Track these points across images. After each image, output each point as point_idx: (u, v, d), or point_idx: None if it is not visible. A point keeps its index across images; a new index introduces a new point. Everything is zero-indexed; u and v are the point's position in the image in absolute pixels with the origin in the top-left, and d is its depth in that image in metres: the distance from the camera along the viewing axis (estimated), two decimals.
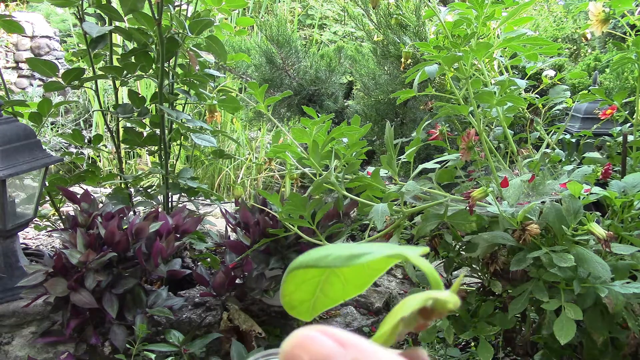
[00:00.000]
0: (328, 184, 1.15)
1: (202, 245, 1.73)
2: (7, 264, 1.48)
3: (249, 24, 2.04)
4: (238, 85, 3.18)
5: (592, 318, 0.98)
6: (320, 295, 0.27)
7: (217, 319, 1.48)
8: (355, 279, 0.26)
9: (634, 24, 1.24)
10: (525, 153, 1.33)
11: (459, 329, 1.12)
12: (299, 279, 0.26)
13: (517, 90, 1.17)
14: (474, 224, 1.06)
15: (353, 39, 4.76)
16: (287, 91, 1.39)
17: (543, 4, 3.74)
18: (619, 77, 2.13)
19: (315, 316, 0.28)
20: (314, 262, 0.24)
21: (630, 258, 0.98)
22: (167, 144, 1.75)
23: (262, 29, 2.48)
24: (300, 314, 0.28)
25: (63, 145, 3.67)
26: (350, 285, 0.27)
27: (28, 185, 1.57)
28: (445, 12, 1.17)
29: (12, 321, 1.40)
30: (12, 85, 4.93)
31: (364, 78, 2.39)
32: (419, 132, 1.20)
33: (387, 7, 2.22)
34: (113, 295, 1.29)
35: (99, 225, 1.35)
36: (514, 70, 2.05)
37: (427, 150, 2.20)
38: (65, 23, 5.57)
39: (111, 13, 1.61)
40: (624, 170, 1.20)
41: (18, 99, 1.69)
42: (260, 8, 5.02)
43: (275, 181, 3.30)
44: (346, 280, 0.27)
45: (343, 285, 0.27)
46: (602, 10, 1.23)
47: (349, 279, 0.26)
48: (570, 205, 0.98)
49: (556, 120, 1.62)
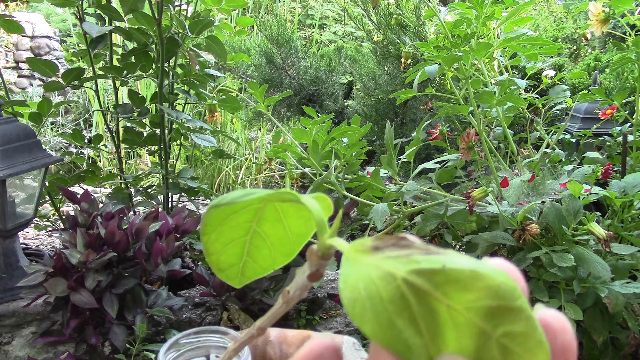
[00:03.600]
0: (328, 183, 1.15)
1: (202, 245, 1.73)
2: (7, 264, 1.48)
3: (249, 24, 2.04)
4: (238, 85, 3.18)
5: (592, 318, 0.98)
6: (249, 260, 0.27)
7: (217, 319, 1.48)
8: (280, 244, 0.27)
9: (634, 24, 1.24)
10: (525, 153, 1.33)
11: None
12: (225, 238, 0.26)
13: (517, 90, 1.18)
14: (474, 224, 1.06)
15: (353, 39, 4.76)
16: (287, 91, 1.39)
17: (543, 4, 3.74)
18: (619, 77, 2.13)
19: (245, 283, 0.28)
20: (215, 203, 0.24)
21: (630, 258, 0.98)
22: (167, 144, 1.75)
23: (262, 29, 2.48)
24: (229, 278, 0.28)
25: (63, 145, 3.67)
26: (277, 252, 0.27)
27: (28, 185, 1.57)
28: (445, 12, 1.17)
29: (12, 321, 1.40)
30: (12, 85, 4.93)
31: (364, 78, 2.39)
32: (419, 132, 1.20)
33: (387, 7, 2.22)
34: (113, 295, 1.29)
35: (99, 225, 1.35)
36: (514, 70, 2.06)
37: (427, 150, 2.20)
38: (65, 23, 5.57)
39: (111, 13, 1.61)
40: (624, 170, 1.21)
41: (18, 99, 1.69)
42: (260, 8, 5.02)
43: (275, 181, 3.30)
44: (272, 245, 0.27)
45: (270, 250, 0.27)
46: (602, 10, 1.23)
47: (275, 243, 0.27)
48: (570, 205, 0.98)
49: (556, 120, 1.62)
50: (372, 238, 0.19)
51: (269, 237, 0.26)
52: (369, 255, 0.18)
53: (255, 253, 0.27)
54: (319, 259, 0.22)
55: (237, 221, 0.26)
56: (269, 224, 0.26)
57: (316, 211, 0.21)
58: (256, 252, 0.27)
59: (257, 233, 0.26)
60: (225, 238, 0.26)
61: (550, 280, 0.98)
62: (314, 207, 0.22)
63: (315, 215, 0.21)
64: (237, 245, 0.27)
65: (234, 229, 0.26)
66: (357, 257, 0.18)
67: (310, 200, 0.22)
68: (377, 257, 0.18)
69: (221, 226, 0.26)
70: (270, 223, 0.26)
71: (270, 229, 0.26)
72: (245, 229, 0.26)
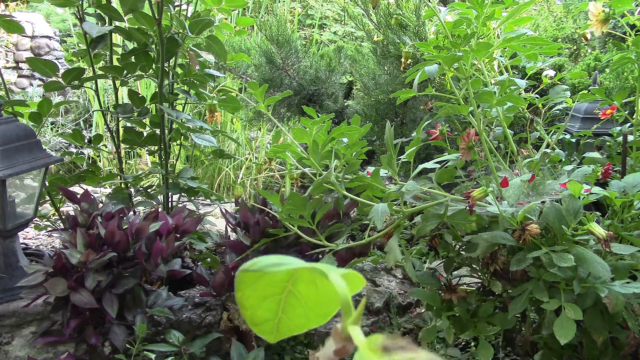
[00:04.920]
0: (328, 183, 1.15)
1: (202, 245, 1.73)
2: (7, 264, 1.48)
3: (249, 24, 2.04)
4: (238, 85, 3.18)
5: (592, 318, 0.98)
6: (284, 317, 0.28)
7: (217, 319, 1.48)
8: (315, 305, 0.27)
9: (633, 24, 1.24)
10: (525, 153, 1.33)
11: (459, 328, 1.12)
12: (259, 294, 0.27)
13: (517, 90, 1.18)
14: (474, 224, 1.06)
15: (353, 39, 4.76)
16: (287, 91, 1.39)
17: (543, 4, 3.74)
18: (619, 77, 2.13)
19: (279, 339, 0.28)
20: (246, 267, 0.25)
21: (630, 258, 0.98)
22: (167, 144, 1.75)
23: (262, 29, 2.48)
24: (264, 332, 0.28)
25: (63, 145, 3.67)
26: (312, 313, 0.27)
27: (28, 185, 1.57)
28: (445, 12, 1.17)
29: (12, 321, 1.40)
30: (12, 85, 4.93)
31: (364, 78, 2.39)
32: (419, 132, 1.20)
33: (387, 7, 2.22)
34: (113, 295, 1.29)
35: (99, 225, 1.35)
36: (514, 70, 2.05)
37: (427, 150, 2.20)
38: (65, 23, 5.57)
39: (111, 13, 1.61)
40: (624, 170, 1.21)
41: (18, 99, 1.69)
42: (260, 8, 5.02)
43: (275, 181, 3.30)
44: (307, 305, 0.27)
45: (304, 310, 0.27)
46: (602, 10, 1.23)
47: (309, 304, 0.27)
48: (570, 205, 0.98)
49: (556, 120, 1.62)
50: (384, 337, 0.21)
51: (304, 297, 0.27)
52: (378, 355, 0.20)
53: (290, 311, 0.27)
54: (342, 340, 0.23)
55: (272, 279, 0.26)
56: (304, 285, 0.27)
57: (342, 293, 0.22)
58: (291, 310, 0.27)
59: (292, 293, 0.27)
60: (260, 294, 0.27)
61: (550, 280, 0.98)
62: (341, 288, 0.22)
63: (341, 297, 0.22)
64: (272, 302, 0.27)
65: (269, 286, 0.26)
66: (369, 357, 0.20)
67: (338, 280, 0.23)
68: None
69: (255, 283, 0.26)
70: (305, 284, 0.27)
71: (305, 289, 0.27)
72: (280, 287, 0.27)
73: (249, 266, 0.24)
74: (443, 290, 1.16)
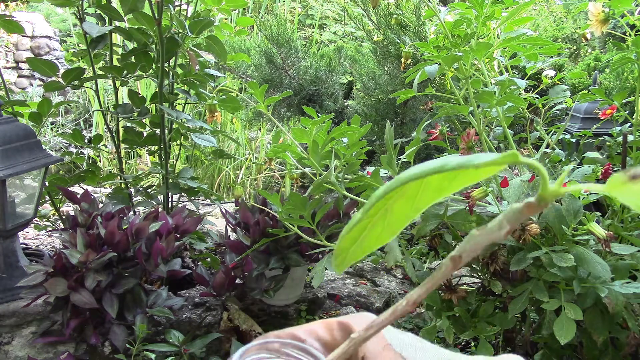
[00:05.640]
0: (328, 183, 1.15)
1: (202, 245, 1.73)
2: (7, 264, 1.48)
3: (249, 24, 2.04)
4: (238, 85, 3.18)
5: (592, 318, 0.98)
6: (356, 245, 0.26)
7: (217, 319, 1.48)
8: (395, 222, 0.25)
9: (633, 24, 1.23)
10: (525, 153, 1.33)
11: (459, 328, 1.12)
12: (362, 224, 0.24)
13: (517, 90, 1.17)
14: (474, 224, 1.06)
15: (353, 39, 4.76)
16: (287, 91, 1.39)
17: (543, 4, 3.74)
18: (619, 77, 2.13)
19: (347, 267, 0.26)
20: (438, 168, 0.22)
21: (630, 258, 0.98)
22: (167, 144, 1.75)
23: (262, 29, 2.48)
24: (344, 261, 0.26)
25: (63, 145, 3.67)
26: (387, 231, 0.25)
27: (28, 185, 1.57)
28: (445, 12, 1.17)
29: (12, 321, 1.40)
30: (12, 85, 4.93)
31: (364, 78, 2.39)
32: (419, 132, 1.20)
33: (387, 7, 2.22)
34: (113, 295, 1.29)
35: (99, 225, 1.35)
36: (514, 70, 2.05)
37: (427, 150, 2.20)
38: (65, 23, 5.57)
39: (111, 13, 1.61)
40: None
41: (18, 99, 1.69)
42: (260, 8, 5.02)
43: (275, 181, 3.31)
44: (388, 224, 0.25)
45: (382, 229, 0.25)
46: (602, 11, 1.23)
47: (391, 222, 0.25)
48: (570, 205, 0.98)
49: (556, 120, 1.62)
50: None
51: (395, 214, 0.25)
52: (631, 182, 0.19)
53: (369, 236, 0.25)
54: (536, 207, 0.21)
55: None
56: (404, 200, 0.24)
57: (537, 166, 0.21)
58: (369, 235, 0.25)
59: (384, 216, 0.25)
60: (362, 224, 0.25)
61: (550, 280, 0.98)
62: (535, 164, 0.21)
63: (540, 170, 0.21)
64: (357, 230, 0.25)
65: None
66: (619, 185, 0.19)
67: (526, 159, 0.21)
68: None
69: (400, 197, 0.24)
70: (405, 200, 0.24)
71: (401, 206, 0.24)
72: (375, 213, 0.24)
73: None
74: (443, 290, 1.16)
